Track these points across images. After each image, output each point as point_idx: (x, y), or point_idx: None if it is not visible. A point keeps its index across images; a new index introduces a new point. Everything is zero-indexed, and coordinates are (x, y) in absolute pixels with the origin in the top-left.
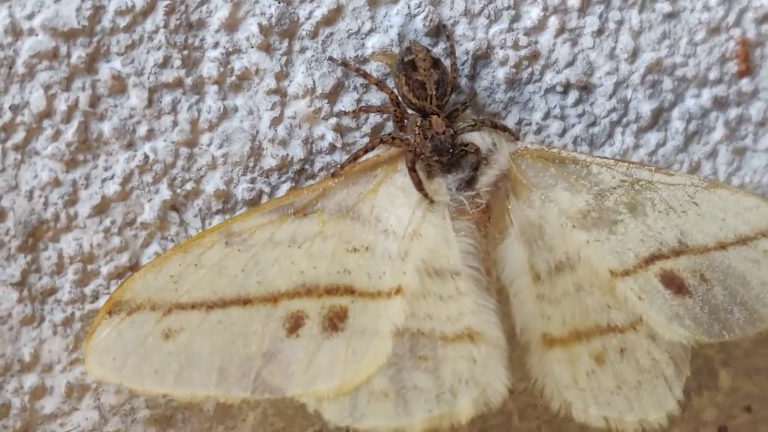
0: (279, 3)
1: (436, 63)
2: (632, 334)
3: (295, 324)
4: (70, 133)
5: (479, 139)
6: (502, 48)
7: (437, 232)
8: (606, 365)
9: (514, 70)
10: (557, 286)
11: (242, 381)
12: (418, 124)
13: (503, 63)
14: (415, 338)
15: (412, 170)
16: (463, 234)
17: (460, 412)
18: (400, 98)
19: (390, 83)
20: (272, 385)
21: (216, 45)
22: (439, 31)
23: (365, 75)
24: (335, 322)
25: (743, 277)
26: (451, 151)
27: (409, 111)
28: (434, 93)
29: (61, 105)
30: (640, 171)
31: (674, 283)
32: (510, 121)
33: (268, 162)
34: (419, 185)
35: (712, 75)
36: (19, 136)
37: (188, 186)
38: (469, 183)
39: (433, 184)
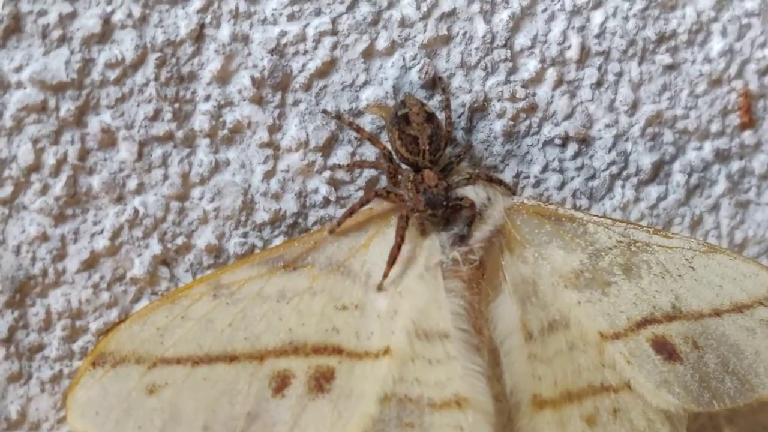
0: (272, 56)
1: (429, 117)
2: (626, 394)
3: (281, 384)
4: (58, 187)
5: (473, 193)
6: (499, 100)
7: (428, 292)
8: (598, 427)
9: (512, 122)
10: (549, 345)
11: None
12: (411, 179)
13: (501, 115)
14: (402, 404)
15: (402, 228)
16: (454, 294)
17: None
18: (393, 153)
19: (385, 137)
20: None
21: (208, 98)
22: (434, 83)
23: (358, 129)
24: (321, 383)
25: (737, 346)
26: (444, 204)
27: (403, 166)
28: (427, 148)
29: (50, 159)
30: (638, 232)
31: (665, 349)
32: (508, 175)
33: (261, 216)
34: (393, 260)
35: (714, 127)
36: (6, 190)
37: (179, 240)
38: (463, 239)
39: (426, 241)
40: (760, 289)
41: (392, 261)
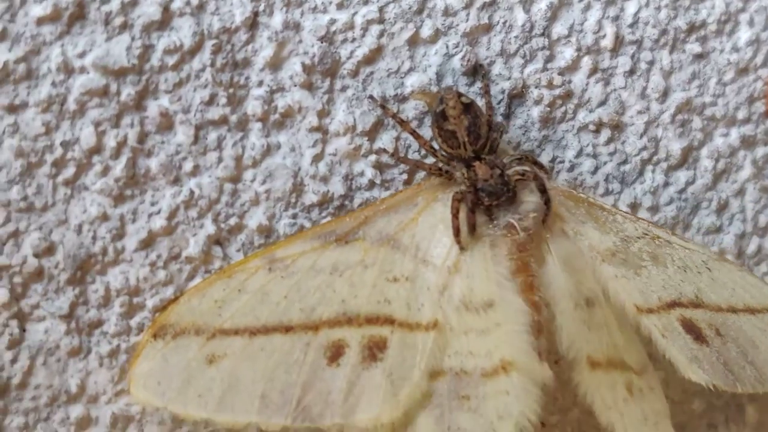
0: (321, 43)
1: (467, 108)
2: (645, 378)
3: (336, 353)
4: (118, 168)
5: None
6: (536, 87)
7: (475, 264)
8: (634, 397)
9: (548, 108)
10: (594, 316)
11: (283, 408)
12: (465, 175)
13: (538, 102)
14: (459, 377)
15: (467, 212)
16: (502, 263)
17: None
18: (437, 148)
19: (428, 122)
20: (312, 414)
21: (260, 83)
22: (475, 70)
23: (401, 122)
24: (375, 352)
25: (752, 341)
26: (507, 188)
27: (450, 160)
28: (466, 139)
29: (111, 141)
30: (658, 230)
31: (693, 331)
32: (544, 159)
33: (310, 198)
34: (456, 231)
35: (741, 114)
36: (69, 171)
37: (232, 221)
38: (512, 207)
39: (480, 215)
40: (766, 300)
41: (456, 231)
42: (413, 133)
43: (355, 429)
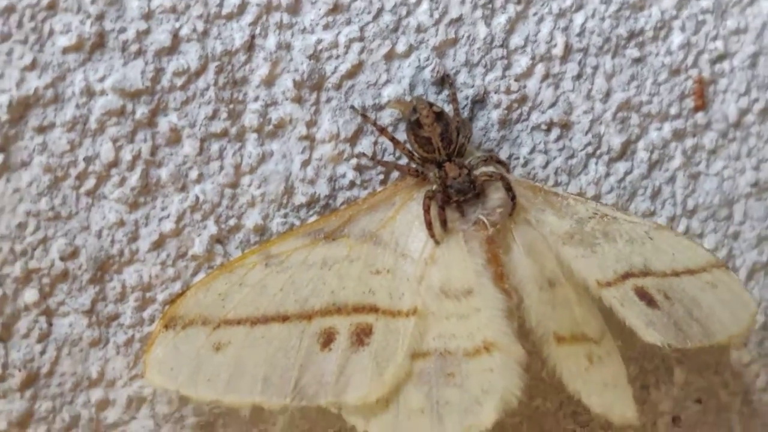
0: (310, 60)
1: (438, 116)
2: (603, 345)
3: (327, 339)
4: (133, 179)
5: (492, 169)
6: (496, 93)
7: (452, 256)
8: (594, 365)
9: (506, 111)
10: (557, 295)
11: (283, 389)
12: (437, 175)
13: (497, 106)
14: (443, 357)
15: (438, 209)
16: (476, 254)
17: (486, 419)
18: (413, 152)
19: (403, 127)
20: (309, 394)
21: (256, 98)
22: (443, 80)
23: (382, 130)
24: (362, 337)
25: (695, 300)
26: (473, 186)
27: (424, 162)
28: (440, 144)
29: (127, 155)
30: (605, 208)
31: (646, 297)
32: (502, 156)
33: (299, 199)
34: (429, 226)
35: (673, 110)
36: (90, 183)
37: (231, 222)
38: (479, 204)
39: (447, 211)
40: (701, 261)
41: (429, 226)
42: (392, 139)
43: (349, 406)
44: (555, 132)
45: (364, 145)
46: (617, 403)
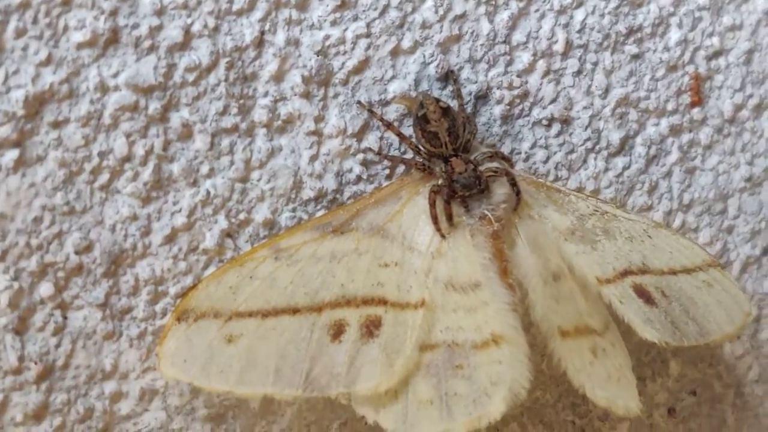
0: (317, 56)
1: (445, 111)
2: (607, 336)
3: (337, 331)
4: (146, 174)
5: (497, 165)
6: (498, 88)
7: (459, 250)
8: (597, 359)
9: (508, 107)
10: (561, 289)
11: (294, 381)
12: (443, 170)
13: (499, 101)
14: (451, 349)
15: (443, 203)
16: (482, 248)
17: (495, 410)
18: (420, 147)
19: (409, 122)
20: (320, 385)
21: (266, 94)
22: (447, 76)
23: (389, 125)
24: (371, 329)
25: (692, 299)
26: (479, 181)
27: (430, 157)
28: (447, 139)
29: (140, 150)
30: (605, 205)
31: (644, 295)
32: (504, 151)
33: (307, 193)
34: (435, 220)
35: (670, 106)
36: (104, 177)
37: (241, 216)
38: (484, 200)
39: (457, 207)
40: (697, 259)
41: (435, 220)
42: (399, 134)
43: (359, 397)
44: (555, 127)
45: (371, 140)
46: (621, 396)
